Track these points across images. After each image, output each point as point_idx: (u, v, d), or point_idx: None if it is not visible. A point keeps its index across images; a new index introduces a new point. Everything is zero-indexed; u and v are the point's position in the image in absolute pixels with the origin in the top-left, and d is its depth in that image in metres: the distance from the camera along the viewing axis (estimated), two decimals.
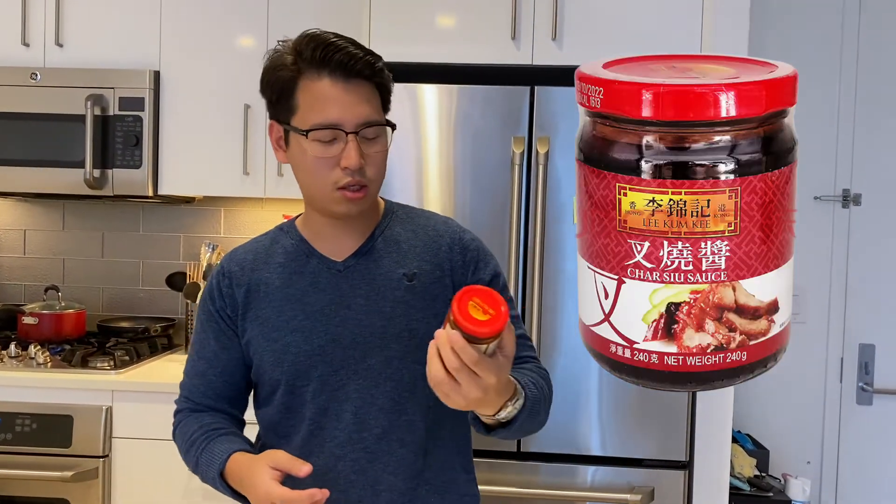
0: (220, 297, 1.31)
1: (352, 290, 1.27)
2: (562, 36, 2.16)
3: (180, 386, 1.38)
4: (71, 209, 2.96)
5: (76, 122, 2.51)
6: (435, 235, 1.32)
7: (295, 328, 1.26)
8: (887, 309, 2.68)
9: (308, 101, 1.19)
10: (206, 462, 1.24)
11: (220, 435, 1.27)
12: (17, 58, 2.57)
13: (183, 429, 1.33)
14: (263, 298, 1.29)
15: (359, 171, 1.19)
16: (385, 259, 1.29)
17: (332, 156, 1.19)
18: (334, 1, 2.54)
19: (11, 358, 2.42)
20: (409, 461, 1.26)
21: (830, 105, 2.67)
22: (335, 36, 1.22)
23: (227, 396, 1.34)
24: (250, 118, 2.55)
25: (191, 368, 1.35)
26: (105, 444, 2.28)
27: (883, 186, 2.67)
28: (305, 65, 1.19)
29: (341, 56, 1.18)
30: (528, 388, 1.15)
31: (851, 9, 2.66)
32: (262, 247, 1.34)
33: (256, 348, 1.29)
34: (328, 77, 1.18)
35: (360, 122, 1.19)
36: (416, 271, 1.29)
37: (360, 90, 1.19)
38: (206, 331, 1.32)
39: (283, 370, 1.26)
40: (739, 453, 2.41)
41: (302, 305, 1.27)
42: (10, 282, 2.97)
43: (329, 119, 1.18)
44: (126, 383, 2.31)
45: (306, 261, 1.30)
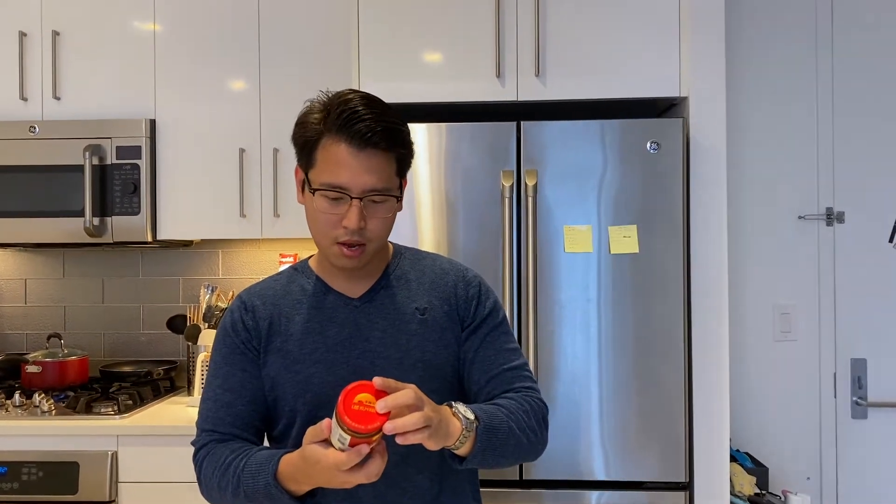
0: (244, 330, 1.35)
1: (369, 323, 1.34)
2: (545, 72, 2.23)
3: (201, 422, 1.36)
4: (71, 257, 3.00)
5: (75, 172, 2.56)
6: (441, 273, 1.41)
7: (317, 360, 1.32)
8: (876, 323, 2.71)
9: (324, 160, 1.25)
10: (250, 475, 1.22)
11: (257, 451, 1.27)
12: (16, 112, 2.64)
13: (212, 459, 1.30)
14: (285, 332, 1.34)
15: (359, 231, 1.26)
16: (398, 295, 1.37)
17: (337, 213, 1.26)
18: (324, 42, 2.61)
19: (16, 407, 2.44)
20: (426, 487, 1.33)
21: (809, 128, 2.72)
22: (365, 103, 1.26)
23: (254, 426, 1.35)
24: (245, 161, 2.61)
25: (214, 402, 1.35)
26: (111, 489, 2.30)
27: (865, 203, 2.72)
28: (330, 125, 1.25)
29: (361, 126, 1.23)
30: (487, 417, 1.21)
31: (824, 30, 2.73)
32: (280, 285, 1.40)
33: (277, 380, 1.33)
34: (345, 143, 1.23)
35: (366, 189, 1.25)
36: (427, 306, 1.37)
37: (374, 160, 1.24)
38: (231, 363, 1.35)
39: (305, 401, 1.31)
40: (739, 472, 2.42)
41: (323, 338, 1.33)
42: (13, 331, 3.00)
43: (337, 182, 1.24)
44: (131, 427, 2.33)
45: (324, 297, 1.36)
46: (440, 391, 1.31)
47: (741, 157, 2.73)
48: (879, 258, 2.71)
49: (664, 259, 2.13)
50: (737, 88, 2.72)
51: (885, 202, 2.71)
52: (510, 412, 1.27)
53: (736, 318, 2.71)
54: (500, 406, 1.28)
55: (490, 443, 1.20)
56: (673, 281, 2.13)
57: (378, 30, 2.26)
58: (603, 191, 2.14)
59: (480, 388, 1.37)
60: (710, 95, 2.18)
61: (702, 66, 2.18)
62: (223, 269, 2.97)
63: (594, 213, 2.14)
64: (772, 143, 2.73)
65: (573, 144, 2.14)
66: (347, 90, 1.30)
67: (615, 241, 2.13)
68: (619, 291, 2.13)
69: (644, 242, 2.13)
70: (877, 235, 2.72)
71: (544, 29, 2.23)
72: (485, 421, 1.20)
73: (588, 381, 2.13)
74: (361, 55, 2.27)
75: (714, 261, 2.17)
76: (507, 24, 2.23)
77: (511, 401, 1.31)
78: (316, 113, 1.28)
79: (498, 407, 1.27)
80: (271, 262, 2.94)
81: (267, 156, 2.61)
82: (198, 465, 1.34)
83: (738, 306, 2.72)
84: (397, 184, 1.30)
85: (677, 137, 2.13)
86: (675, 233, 2.13)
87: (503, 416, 1.25)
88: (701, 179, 2.17)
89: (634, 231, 2.13)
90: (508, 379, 1.37)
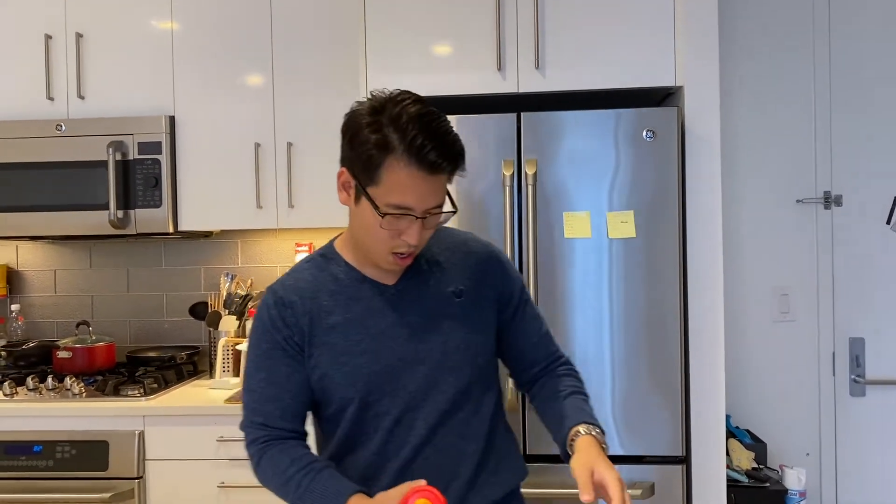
0: (285, 327, 1.37)
1: (408, 309, 1.39)
2: (544, 65, 2.31)
3: (249, 413, 1.41)
4: (97, 249, 3.14)
5: (99, 168, 2.69)
6: (468, 252, 1.47)
7: (363, 351, 1.36)
8: (873, 303, 2.77)
9: (391, 181, 1.26)
10: (315, 502, 1.31)
11: (319, 472, 1.33)
12: (43, 111, 2.76)
13: (271, 462, 1.37)
14: (326, 325, 1.37)
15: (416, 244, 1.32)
16: (432, 279, 1.42)
17: (398, 229, 1.30)
18: (334, 37, 2.70)
19: (49, 390, 2.58)
20: (472, 452, 1.42)
21: (807, 112, 2.78)
22: (432, 128, 1.26)
23: (300, 415, 1.42)
24: (260, 155, 2.72)
25: (260, 395, 1.39)
26: (139, 466, 2.43)
27: (861, 186, 2.77)
28: (400, 146, 1.24)
29: (433, 156, 1.24)
30: (592, 417, 1.41)
31: (821, 14, 2.78)
32: (312, 275, 1.41)
33: (327, 372, 1.37)
34: (416, 168, 1.24)
35: (429, 208, 1.29)
36: (462, 287, 1.42)
37: (437, 182, 1.28)
38: (273, 358, 1.38)
39: (357, 389, 1.37)
40: (737, 447, 2.50)
41: (365, 329, 1.37)
42: (43, 319, 3.15)
43: (405, 204, 1.27)
44: (156, 408, 2.46)
45: (359, 286, 1.40)
46: (481, 368, 1.43)
47: (739, 142, 2.80)
48: (877, 240, 2.77)
49: (661, 243, 2.21)
50: (734, 74, 2.78)
51: (882, 185, 2.77)
52: (587, 401, 1.47)
53: (736, 300, 2.79)
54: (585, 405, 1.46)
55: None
56: (669, 264, 2.21)
57: (384, 25, 2.35)
58: (601, 178, 2.23)
59: (525, 357, 1.52)
60: (704, 84, 2.25)
61: (696, 56, 2.25)
62: (242, 258, 3.10)
63: (592, 199, 2.23)
64: (770, 127, 2.80)
65: (572, 134, 2.23)
66: (396, 102, 1.27)
67: (613, 226, 2.22)
68: (617, 275, 2.22)
69: (641, 227, 2.22)
70: (874, 218, 2.78)
71: (543, 22, 2.31)
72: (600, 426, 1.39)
73: (587, 361, 2.22)
74: (368, 49, 2.36)
75: (709, 244, 2.24)
76: (508, 18, 2.32)
77: (577, 390, 1.48)
78: (374, 136, 1.26)
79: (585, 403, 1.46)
80: (287, 251, 3.06)
81: (281, 149, 2.72)
82: (253, 459, 1.40)
83: (738, 288, 2.79)
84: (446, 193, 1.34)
85: (672, 125, 2.21)
86: (671, 218, 2.21)
87: (592, 411, 1.45)
88: (696, 166, 2.25)
89: (631, 216, 2.22)
90: (545, 344, 1.53)
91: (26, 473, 2.43)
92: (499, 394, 1.51)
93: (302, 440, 1.42)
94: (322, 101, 2.70)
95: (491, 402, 1.47)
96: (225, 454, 2.42)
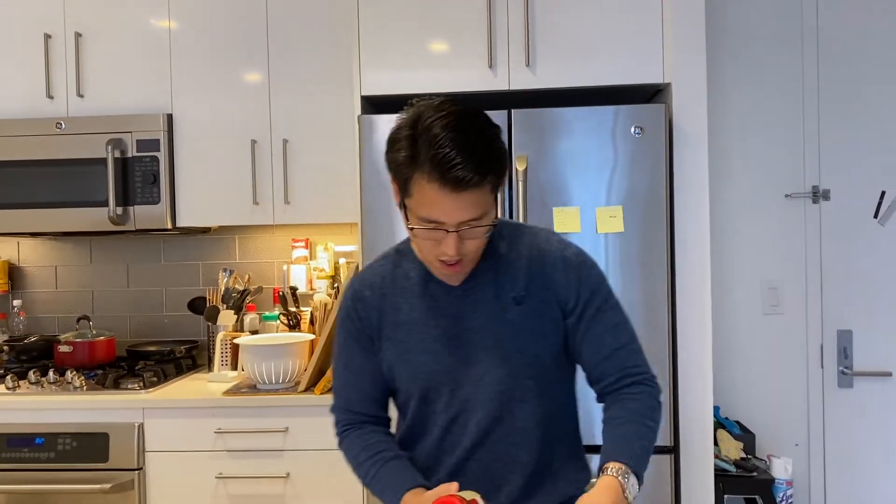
0: (357, 319, 1.46)
1: (469, 312, 1.40)
2: (535, 62, 2.36)
3: (336, 396, 1.52)
4: (97, 245, 3.18)
5: (98, 165, 2.73)
6: (539, 255, 1.41)
7: (425, 350, 1.41)
8: (861, 296, 2.82)
9: (419, 196, 1.26)
10: (379, 492, 1.42)
11: (386, 462, 1.43)
12: (43, 109, 2.81)
13: (349, 446, 1.49)
14: (394, 321, 1.43)
15: (458, 255, 1.31)
16: (495, 282, 1.40)
17: (435, 239, 1.30)
18: (329, 35, 2.73)
19: (51, 383, 2.63)
20: (526, 461, 1.42)
21: (795, 108, 2.82)
22: (454, 139, 1.23)
23: (378, 400, 1.50)
24: (257, 152, 2.76)
25: (342, 381, 1.51)
26: (139, 458, 2.48)
27: (849, 181, 2.81)
28: (421, 165, 1.24)
29: (457, 173, 1.21)
30: (633, 457, 1.31)
31: (809, 10, 2.82)
32: (386, 271, 1.47)
33: (392, 364, 1.44)
34: (438, 185, 1.23)
35: (462, 222, 1.27)
36: (524, 293, 1.39)
37: (468, 197, 1.24)
38: (350, 347, 1.48)
39: (417, 385, 1.43)
40: (726, 438, 2.55)
41: (428, 328, 1.41)
42: (45, 314, 3.20)
43: (432, 218, 1.27)
44: (156, 401, 2.50)
45: (426, 285, 1.42)
46: (537, 377, 1.41)
47: (729, 137, 2.84)
48: (864, 234, 2.82)
49: (649, 238, 2.26)
50: (722, 70, 2.82)
51: (870, 180, 2.81)
52: (639, 436, 1.35)
53: (726, 293, 2.84)
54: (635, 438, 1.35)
55: (643, 472, 1.33)
56: (658, 258, 2.26)
57: (377, 23, 2.39)
58: (590, 174, 2.27)
59: (594, 369, 1.42)
60: (692, 81, 2.29)
61: (683, 53, 2.29)
62: (239, 253, 3.14)
63: (582, 195, 2.27)
64: (758, 123, 2.84)
65: (562, 130, 2.27)
66: (431, 114, 1.27)
67: (602, 221, 2.26)
68: (606, 269, 2.26)
69: (629, 222, 2.26)
70: (861, 212, 2.82)
71: (534, 20, 2.36)
72: (640, 467, 1.32)
73: None
74: (362, 47, 2.40)
75: (697, 238, 2.29)
76: (499, 16, 2.36)
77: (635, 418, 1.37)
78: (405, 149, 1.26)
79: (640, 435, 1.35)
80: (284, 247, 3.10)
81: (277, 147, 2.76)
82: (339, 439, 1.52)
83: (727, 282, 2.84)
84: (492, 202, 1.30)
85: (660, 122, 2.25)
86: (659, 212, 2.26)
87: (645, 443, 1.35)
88: (683, 161, 2.29)
89: (620, 212, 2.26)
90: (620, 358, 1.40)
91: (28, 465, 2.48)
92: (566, 401, 1.49)
93: (380, 425, 1.51)
94: (317, 98, 2.74)
95: (551, 410, 1.44)
96: (223, 446, 2.47)
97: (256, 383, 2.56)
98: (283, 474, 2.45)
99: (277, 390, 2.52)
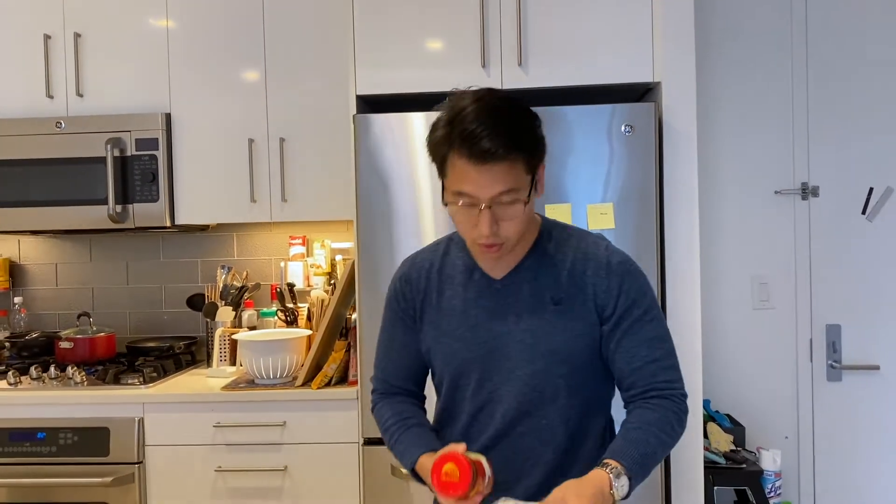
0: (403, 300, 1.53)
1: (507, 306, 1.43)
2: (527, 62, 2.39)
3: (377, 367, 1.60)
4: (97, 242, 3.22)
5: (98, 164, 2.77)
6: (583, 259, 1.43)
7: (459, 337, 1.45)
8: (849, 291, 2.86)
9: (453, 173, 1.33)
10: (399, 454, 1.48)
11: (409, 428, 1.49)
12: (43, 109, 2.84)
13: (380, 412, 1.56)
14: (435, 306, 1.49)
15: (492, 235, 1.33)
16: (536, 280, 1.43)
17: (471, 218, 1.34)
18: (325, 34, 2.77)
19: (52, 379, 2.67)
20: (548, 458, 1.44)
21: (784, 105, 2.86)
22: (483, 116, 1.29)
23: (415, 377, 1.57)
24: (254, 151, 2.80)
25: (384, 355, 1.58)
26: (139, 452, 2.52)
27: (838, 178, 2.85)
28: (453, 143, 1.31)
29: (481, 144, 1.27)
30: (631, 460, 1.29)
31: (798, 8, 2.85)
32: (437, 256, 1.53)
33: (430, 346, 1.50)
34: (467, 159, 1.29)
35: (493, 196, 1.31)
36: (563, 295, 1.41)
37: (497, 170, 1.29)
38: (395, 325, 1.55)
39: (449, 370, 1.48)
40: (716, 431, 2.59)
41: (465, 317, 1.45)
42: (45, 311, 3.24)
43: (464, 191, 1.32)
44: (155, 396, 2.54)
45: (470, 275, 1.47)
46: (567, 377, 1.41)
47: (718, 135, 2.88)
48: (852, 230, 2.86)
49: (639, 234, 2.29)
50: (712, 68, 2.86)
51: (858, 177, 2.85)
52: (652, 440, 1.33)
53: (716, 289, 2.88)
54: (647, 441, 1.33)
55: (641, 478, 1.31)
56: (648, 254, 2.29)
57: (372, 22, 2.43)
58: (582, 172, 2.31)
59: (624, 379, 1.41)
60: (681, 80, 2.33)
61: (673, 52, 2.33)
62: (238, 250, 3.18)
63: (573, 192, 2.31)
64: (748, 121, 2.88)
65: (553, 129, 2.31)
66: (467, 98, 1.33)
67: (593, 218, 2.30)
68: None
69: (620, 219, 2.30)
70: (850, 208, 2.86)
71: (526, 20, 2.39)
72: (636, 472, 1.29)
73: None
74: (357, 46, 2.43)
75: (686, 234, 2.33)
76: (492, 15, 2.39)
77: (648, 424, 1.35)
78: (440, 129, 1.34)
79: (646, 442, 1.32)
80: (281, 244, 3.14)
81: (274, 145, 2.80)
82: (373, 405, 1.59)
83: (718, 277, 2.88)
84: (528, 181, 1.33)
85: (650, 120, 2.29)
86: (650, 209, 2.30)
87: (649, 451, 1.32)
88: (673, 159, 2.33)
89: (611, 208, 2.30)
90: (651, 372, 1.39)
91: (30, 459, 2.52)
92: (598, 403, 1.49)
93: (412, 398, 1.57)
94: (313, 97, 2.78)
95: (580, 410, 1.44)
96: (222, 440, 2.51)
97: (255, 378, 2.60)
98: (281, 467, 2.49)
99: (275, 385, 2.56)
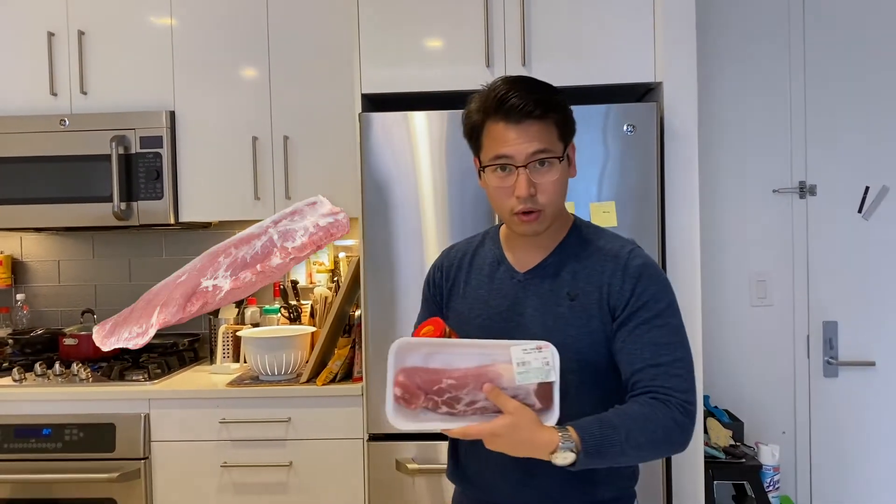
0: (433, 286, 1.60)
1: (525, 299, 1.46)
2: (531, 61, 2.42)
3: None
4: (100, 239, 3.23)
5: (102, 162, 2.78)
6: (603, 258, 1.44)
7: (479, 325, 1.49)
8: (846, 288, 2.89)
9: (489, 140, 1.39)
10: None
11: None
12: (48, 107, 2.85)
13: None
14: (461, 294, 1.54)
15: (530, 199, 1.37)
16: (557, 276, 1.45)
17: (508, 185, 1.38)
18: (329, 31, 2.79)
19: (57, 376, 2.69)
20: None
21: (782, 105, 2.89)
22: (513, 82, 1.38)
23: None
24: (258, 148, 2.82)
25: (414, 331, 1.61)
26: (145, 447, 2.54)
27: (835, 177, 2.89)
28: (488, 110, 1.38)
29: (514, 101, 1.35)
30: (589, 434, 1.26)
31: (796, 10, 2.88)
32: (471, 248, 1.58)
33: (454, 330, 1.53)
34: (503, 121, 1.36)
35: (529, 154, 1.36)
36: (579, 291, 1.43)
37: (532, 128, 1.36)
38: (424, 309, 1.62)
39: None
40: (715, 426, 2.63)
41: (486, 307, 1.49)
42: (49, 308, 3.25)
43: (500, 153, 1.37)
44: (160, 392, 2.56)
45: (497, 267, 1.52)
46: (579, 372, 1.40)
47: (717, 135, 2.91)
48: (849, 228, 2.90)
49: (641, 232, 2.32)
50: (711, 68, 2.89)
51: (855, 175, 2.89)
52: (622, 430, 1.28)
53: (715, 286, 2.91)
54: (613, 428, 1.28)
55: (594, 462, 1.27)
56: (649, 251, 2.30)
57: (377, 20, 2.45)
58: (584, 170, 2.32)
59: (626, 381, 1.38)
60: (682, 80, 2.36)
61: (674, 53, 2.36)
62: None
63: (576, 190, 2.33)
64: (747, 121, 2.91)
65: None
66: (499, 80, 1.40)
67: (595, 216, 2.33)
68: None
69: (622, 217, 2.33)
70: (847, 206, 2.90)
71: (529, 20, 2.42)
72: (590, 450, 1.26)
73: None
74: (362, 44, 2.45)
75: (687, 232, 2.36)
76: (496, 15, 2.42)
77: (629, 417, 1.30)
78: (475, 103, 1.41)
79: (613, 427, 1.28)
80: None
81: (278, 143, 2.81)
82: None
83: (717, 275, 2.92)
84: (561, 148, 1.40)
85: (651, 120, 2.32)
86: (651, 207, 2.33)
87: (616, 439, 1.27)
88: (674, 159, 2.36)
89: (613, 207, 2.33)
90: (652, 375, 1.35)
91: (36, 455, 2.53)
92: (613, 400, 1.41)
93: None
94: (317, 95, 2.79)
95: (592, 407, 1.37)
96: (227, 435, 2.53)
97: (259, 375, 2.63)
98: (286, 463, 2.52)
99: (280, 381, 2.59)
